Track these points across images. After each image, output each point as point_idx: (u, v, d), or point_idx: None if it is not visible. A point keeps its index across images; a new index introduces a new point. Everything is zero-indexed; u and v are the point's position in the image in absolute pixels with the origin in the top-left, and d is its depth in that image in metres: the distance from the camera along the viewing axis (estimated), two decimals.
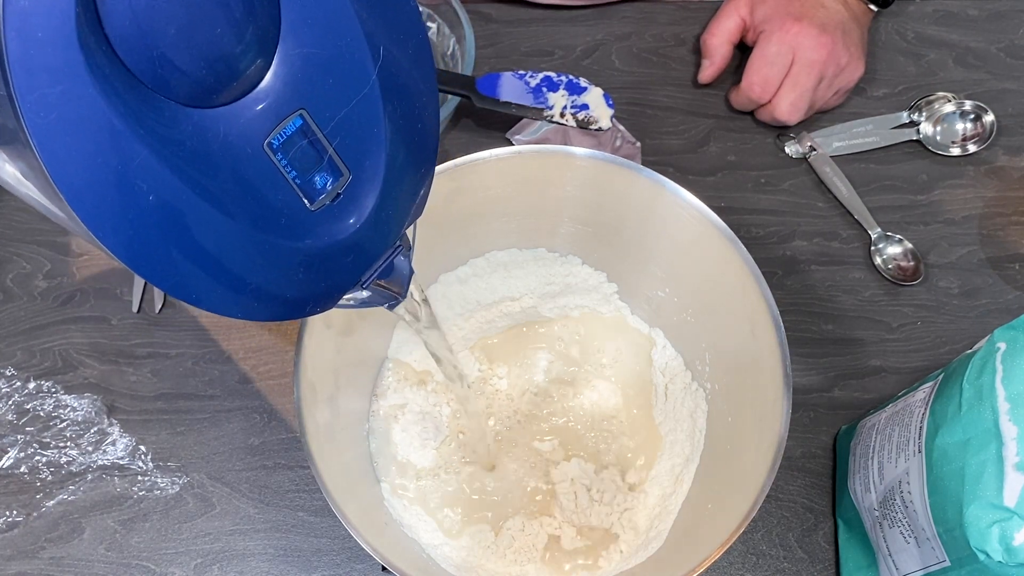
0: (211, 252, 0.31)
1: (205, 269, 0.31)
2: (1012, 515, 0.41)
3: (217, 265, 0.32)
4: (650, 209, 0.56)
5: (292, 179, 0.33)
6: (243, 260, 0.32)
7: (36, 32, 0.24)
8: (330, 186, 0.34)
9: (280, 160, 0.32)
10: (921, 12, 0.80)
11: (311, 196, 0.34)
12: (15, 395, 0.63)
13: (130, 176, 0.28)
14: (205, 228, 0.30)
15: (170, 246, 0.30)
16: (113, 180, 0.27)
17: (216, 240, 0.31)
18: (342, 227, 0.35)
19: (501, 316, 0.63)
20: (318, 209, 0.34)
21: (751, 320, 0.52)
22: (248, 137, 0.31)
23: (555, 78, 0.65)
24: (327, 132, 0.33)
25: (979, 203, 0.72)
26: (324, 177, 0.34)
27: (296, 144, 0.32)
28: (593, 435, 0.60)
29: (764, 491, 0.47)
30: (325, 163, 0.34)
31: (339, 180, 0.34)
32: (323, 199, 0.34)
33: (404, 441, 0.58)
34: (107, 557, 0.59)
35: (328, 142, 0.33)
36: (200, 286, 0.32)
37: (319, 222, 0.34)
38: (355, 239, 0.36)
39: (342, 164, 0.34)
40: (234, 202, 0.31)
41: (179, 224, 0.30)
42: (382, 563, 0.46)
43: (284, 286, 0.35)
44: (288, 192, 0.33)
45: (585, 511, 0.57)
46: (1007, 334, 0.45)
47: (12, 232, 0.69)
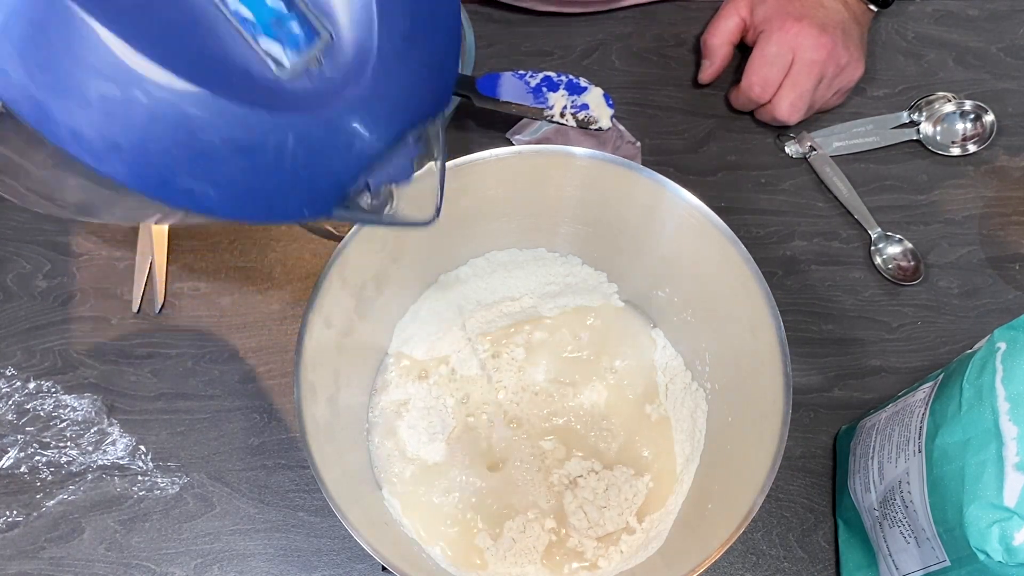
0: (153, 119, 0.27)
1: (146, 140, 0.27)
2: (1012, 515, 0.41)
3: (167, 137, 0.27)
4: (650, 209, 0.56)
5: (250, 35, 0.28)
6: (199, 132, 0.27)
7: None
8: (303, 47, 0.29)
9: (232, 11, 0.27)
10: (921, 12, 0.80)
11: (278, 59, 0.29)
12: (15, 395, 0.63)
13: (60, 34, 0.24)
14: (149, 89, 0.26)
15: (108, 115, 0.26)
16: (25, 26, 0.24)
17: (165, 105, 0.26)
18: (325, 101, 0.30)
19: (501, 316, 0.63)
20: (293, 78, 0.29)
21: (751, 320, 0.52)
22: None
23: (555, 78, 0.65)
24: None
25: (979, 203, 0.72)
26: (294, 36, 0.29)
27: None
28: (593, 435, 0.60)
29: (764, 491, 0.47)
30: (295, 20, 0.29)
31: (315, 41, 0.29)
32: (297, 64, 0.29)
33: (412, 437, 0.58)
34: (107, 557, 0.59)
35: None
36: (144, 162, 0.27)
37: (293, 92, 0.29)
38: (344, 119, 0.31)
39: (317, 22, 0.29)
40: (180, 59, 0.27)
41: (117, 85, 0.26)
42: (382, 563, 0.46)
43: (251, 170, 0.29)
44: (247, 51, 0.28)
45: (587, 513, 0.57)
46: (1007, 334, 0.45)
47: (12, 232, 0.69)
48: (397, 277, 0.58)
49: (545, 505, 0.58)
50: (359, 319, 0.56)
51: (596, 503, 0.57)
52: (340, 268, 0.52)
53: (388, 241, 0.55)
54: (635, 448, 0.60)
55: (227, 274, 0.68)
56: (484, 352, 0.62)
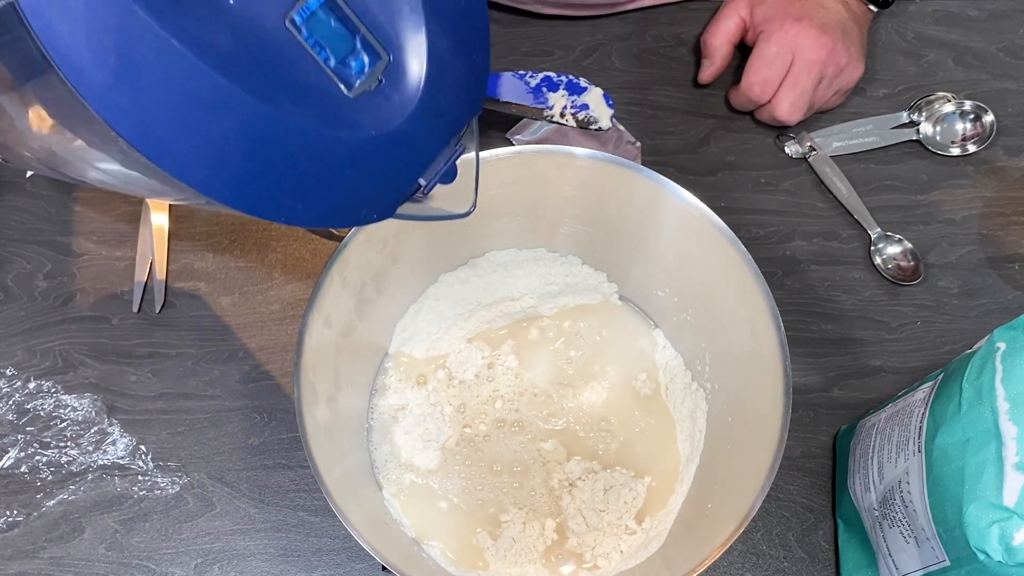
0: (249, 142, 0.30)
1: (244, 163, 0.30)
2: (1012, 515, 0.41)
3: (256, 157, 0.30)
4: (650, 209, 0.56)
5: (323, 61, 0.31)
6: (283, 152, 0.31)
7: None
8: (368, 69, 0.32)
9: (307, 39, 0.31)
10: (921, 12, 0.80)
11: (348, 81, 0.32)
12: (15, 395, 0.63)
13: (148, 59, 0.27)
14: (239, 116, 0.29)
15: (207, 140, 0.29)
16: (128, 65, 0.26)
17: (252, 129, 0.30)
18: (388, 117, 0.34)
19: (501, 316, 0.63)
20: (358, 96, 0.32)
21: (751, 320, 0.52)
22: (266, 13, 0.30)
23: (555, 78, 0.65)
24: (357, 8, 0.32)
25: (979, 203, 0.72)
26: (360, 60, 0.32)
27: (322, 21, 0.31)
28: (593, 436, 0.60)
29: (764, 491, 0.47)
30: (359, 44, 0.32)
31: (377, 63, 0.33)
32: (362, 84, 0.32)
33: (407, 443, 0.58)
34: (107, 557, 0.59)
35: (359, 19, 0.32)
36: (241, 183, 0.30)
37: (361, 110, 0.33)
38: (405, 131, 0.34)
39: (378, 45, 0.33)
40: (266, 86, 0.30)
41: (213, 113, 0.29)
42: (382, 563, 0.46)
43: (332, 184, 0.33)
44: (321, 76, 0.31)
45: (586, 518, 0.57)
46: (1007, 334, 0.45)
47: (12, 232, 0.69)
48: (397, 277, 0.58)
49: (545, 507, 0.58)
50: (359, 319, 0.56)
51: (595, 506, 0.57)
52: (340, 268, 0.52)
53: (388, 241, 0.55)
54: (635, 449, 0.60)
55: (227, 274, 0.68)
56: (484, 352, 0.62)
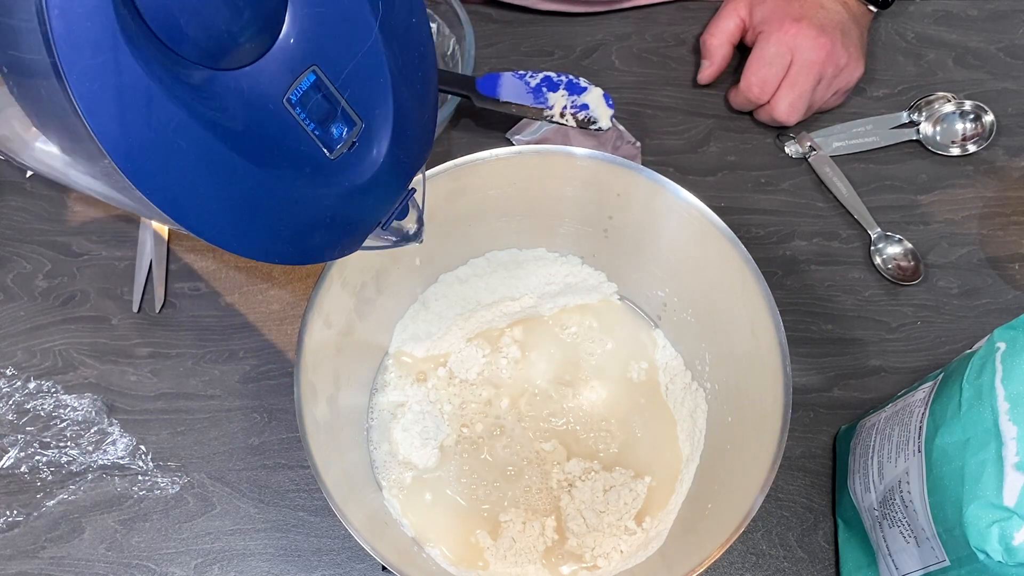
0: (246, 202, 0.35)
1: (241, 218, 0.35)
2: (1012, 515, 0.41)
3: (252, 214, 0.35)
4: (650, 209, 0.56)
5: (311, 131, 0.36)
6: (275, 208, 0.36)
7: (76, 8, 0.27)
8: (346, 135, 0.38)
9: (299, 114, 0.36)
10: (921, 12, 0.80)
11: (330, 145, 0.37)
12: (15, 395, 0.63)
13: (169, 135, 0.31)
14: (238, 180, 0.34)
15: (209, 197, 0.33)
16: (153, 139, 0.30)
17: (250, 191, 0.34)
18: (360, 172, 0.39)
19: (501, 316, 0.63)
20: (337, 157, 0.38)
21: (751, 320, 0.52)
22: (269, 94, 0.34)
23: (555, 78, 0.65)
24: (338, 85, 0.37)
25: (979, 203, 0.72)
26: (340, 127, 0.37)
27: (312, 98, 0.36)
28: (593, 436, 0.60)
29: (764, 491, 0.47)
30: (339, 114, 0.37)
31: (353, 129, 0.38)
32: (341, 148, 0.38)
33: (405, 440, 0.58)
34: (107, 557, 0.59)
35: (340, 94, 0.37)
36: (237, 234, 0.35)
37: (339, 169, 0.38)
38: (373, 183, 0.40)
39: (354, 114, 0.38)
40: (263, 155, 0.34)
41: (215, 177, 0.33)
42: (382, 563, 0.46)
43: (313, 231, 0.39)
44: (309, 143, 0.36)
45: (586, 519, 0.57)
46: (1007, 334, 0.45)
47: (12, 232, 0.69)
48: (397, 277, 0.59)
49: (545, 507, 0.58)
50: (359, 319, 0.56)
51: (595, 507, 0.57)
52: (340, 268, 0.52)
53: None
54: (635, 449, 0.60)
55: (227, 274, 0.68)
56: (484, 352, 0.62)
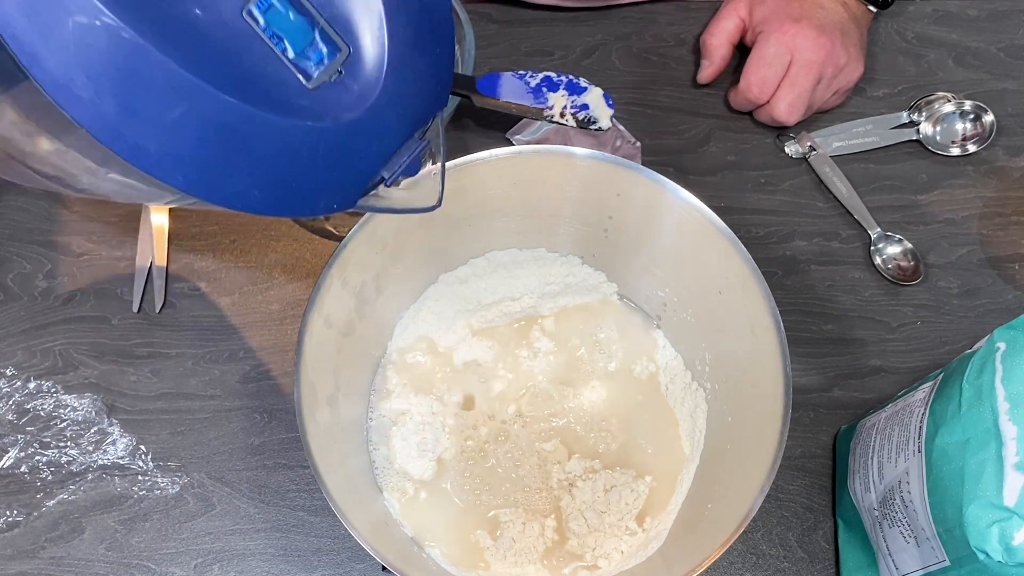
0: (204, 130, 0.30)
1: (209, 155, 0.31)
2: (1012, 515, 0.41)
3: (212, 144, 0.31)
4: (650, 209, 0.56)
5: (282, 52, 0.32)
6: (240, 140, 0.31)
7: None
8: (327, 61, 0.33)
9: (264, 30, 0.31)
10: (921, 12, 0.80)
11: (307, 72, 0.33)
12: (15, 395, 0.63)
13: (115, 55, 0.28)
14: (195, 104, 0.30)
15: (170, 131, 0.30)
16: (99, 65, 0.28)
17: (208, 117, 0.30)
18: (348, 108, 0.34)
19: (501, 316, 0.63)
20: (317, 87, 0.33)
21: (751, 320, 0.52)
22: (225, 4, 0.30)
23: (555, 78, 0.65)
24: (315, 1, 0.32)
25: (979, 203, 0.72)
26: (318, 52, 0.33)
27: (279, 13, 0.31)
28: (593, 436, 0.60)
29: (764, 491, 0.47)
30: (318, 36, 0.33)
31: (336, 56, 0.33)
32: (321, 76, 0.33)
33: (403, 450, 0.58)
34: (107, 557, 0.59)
35: (318, 12, 0.33)
36: (206, 174, 0.31)
37: (321, 101, 0.33)
38: (365, 123, 0.35)
39: (337, 37, 0.33)
40: (225, 77, 0.30)
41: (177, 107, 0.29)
42: (382, 563, 0.46)
43: (289, 173, 0.34)
44: (279, 66, 0.32)
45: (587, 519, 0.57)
46: (1007, 334, 0.45)
47: (12, 232, 0.69)
48: (397, 277, 0.58)
49: (545, 507, 0.58)
50: (359, 319, 0.56)
51: (596, 508, 0.57)
52: (340, 268, 0.52)
53: (388, 241, 0.55)
54: (635, 449, 0.60)
55: (227, 274, 0.68)
56: (484, 352, 0.62)
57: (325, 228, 0.68)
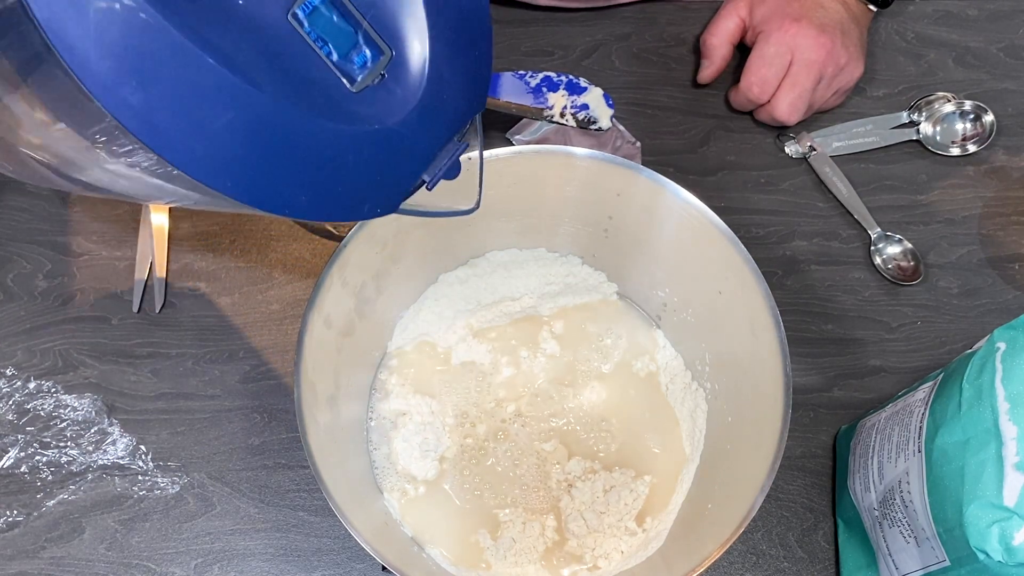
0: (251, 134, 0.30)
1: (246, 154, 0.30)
2: (1012, 515, 0.41)
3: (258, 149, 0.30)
4: (650, 209, 0.56)
5: (326, 55, 0.32)
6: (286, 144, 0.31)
7: None
8: (371, 64, 0.33)
9: (309, 33, 0.31)
10: (921, 12, 0.80)
11: (351, 76, 0.32)
12: (15, 395, 0.63)
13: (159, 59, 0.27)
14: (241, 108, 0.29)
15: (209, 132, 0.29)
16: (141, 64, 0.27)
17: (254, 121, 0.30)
18: (391, 111, 0.34)
19: (501, 316, 0.63)
20: (361, 91, 0.33)
21: (751, 320, 0.52)
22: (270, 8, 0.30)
23: (555, 78, 0.65)
24: (359, 4, 0.32)
25: (979, 203, 0.72)
26: (362, 54, 0.33)
27: (323, 16, 0.31)
28: (593, 436, 0.60)
29: (764, 491, 0.47)
30: (361, 39, 0.32)
31: (380, 59, 0.33)
32: (364, 79, 0.33)
33: (405, 452, 0.58)
34: (107, 557, 0.59)
35: (361, 15, 0.32)
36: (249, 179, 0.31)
37: (364, 104, 0.33)
38: (407, 126, 0.35)
39: (381, 41, 0.33)
40: (268, 79, 0.30)
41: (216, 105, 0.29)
42: (382, 563, 0.46)
43: (334, 177, 0.33)
44: (324, 71, 0.32)
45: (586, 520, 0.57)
46: (1007, 334, 0.45)
47: (12, 232, 0.69)
48: (397, 277, 0.58)
49: (545, 507, 0.58)
50: (359, 319, 0.56)
51: (595, 508, 0.57)
52: (340, 268, 0.52)
53: (388, 241, 0.55)
54: (635, 449, 0.60)
55: (227, 274, 0.68)
56: (484, 353, 0.62)
57: (325, 228, 0.68)
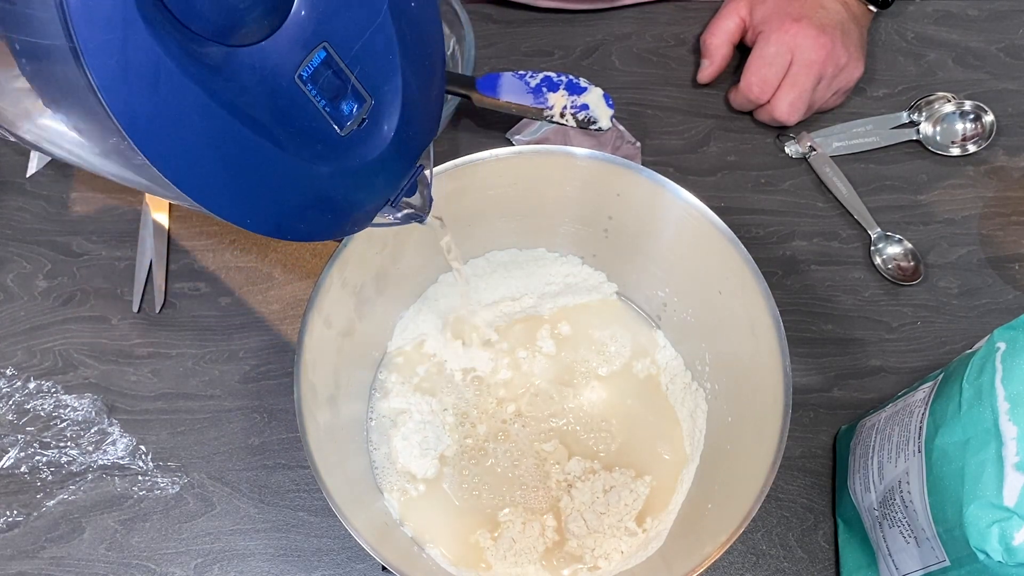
0: (258, 178, 0.35)
1: (253, 194, 0.36)
2: (1012, 515, 0.41)
3: (264, 190, 0.36)
4: (650, 209, 0.56)
5: (323, 107, 0.37)
6: (287, 184, 0.36)
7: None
8: (356, 112, 0.38)
9: (311, 90, 0.36)
10: (921, 12, 0.80)
11: (340, 122, 0.38)
12: (15, 395, 0.63)
13: (183, 111, 0.31)
14: (251, 156, 0.34)
15: (222, 173, 0.34)
16: (168, 115, 0.31)
17: (262, 167, 0.35)
18: (370, 149, 0.40)
19: (501, 316, 0.63)
20: (348, 134, 0.38)
21: (751, 320, 0.52)
22: (281, 71, 0.35)
23: (555, 78, 0.65)
24: (348, 62, 0.38)
25: (979, 203, 0.72)
26: (350, 104, 0.38)
27: (322, 75, 0.37)
28: (593, 436, 0.60)
29: (764, 491, 0.47)
30: (349, 91, 0.38)
31: (363, 106, 0.39)
32: (351, 124, 0.38)
33: (405, 450, 0.58)
34: (107, 557, 0.59)
35: (350, 71, 0.38)
36: (249, 209, 0.36)
37: (349, 146, 0.39)
38: (382, 159, 0.40)
39: (364, 91, 0.39)
40: (275, 131, 0.35)
41: (228, 153, 0.34)
42: (382, 563, 0.46)
43: (324, 207, 0.39)
44: (320, 120, 0.37)
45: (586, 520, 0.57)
46: (1007, 334, 0.45)
47: (12, 232, 0.69)
48: (397, 277, 0.59)
49: (545, 507, 0.58)
50: (359, 319, 0.56)
51: (595, 508, 0.57)
52: (340, 268, 0.52)
53: (388, 242, 0.55)
54: (635, 449, 0.60)
55: (227, 274, 0.68)
56: (484, 353, 0.62)
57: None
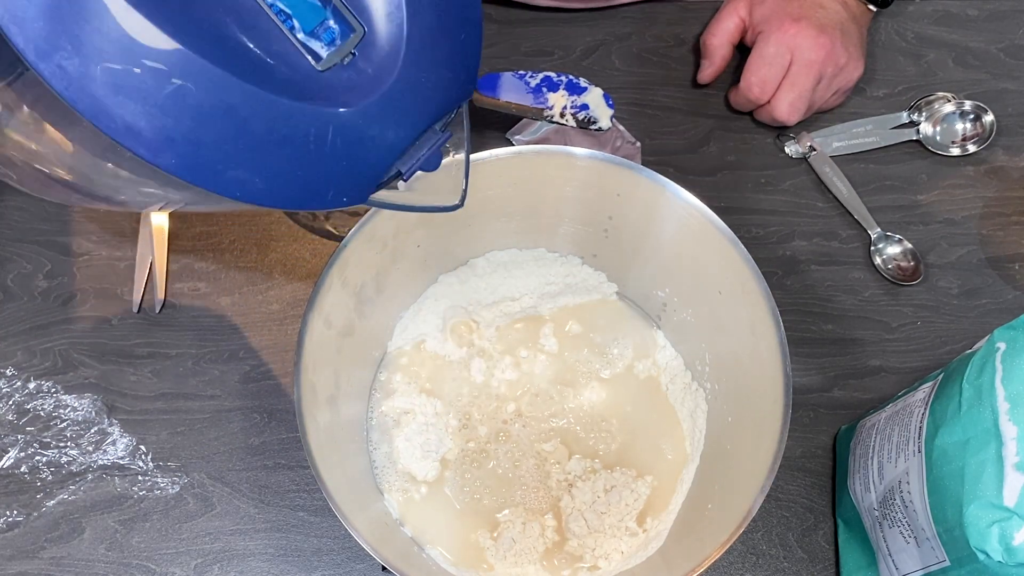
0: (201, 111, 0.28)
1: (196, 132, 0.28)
2: (1012, 515, 0.41)
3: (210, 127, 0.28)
4: (650, 209, 0.56)
5: (289, 30, 0.29)
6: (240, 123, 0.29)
7: None
8: (339, 42, 0.31)
9: (271, 6, 0.29)
10: (921, 12, 0.80)
11: (316, 53, 0.30)
12: (15, 395, 0.63)
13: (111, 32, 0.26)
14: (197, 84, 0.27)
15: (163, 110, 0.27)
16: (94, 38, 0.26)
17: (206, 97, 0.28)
18: (360, 94, 0.31)
19: (501, 316, 0.63)
20: (328, 70, 0.31)
21: (751, 320, 0.52)
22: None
23: (555, 78, 0.65)
24: None
25: (979, 203, 0.72)
26: (330, 31, 0.30)
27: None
28: (593, 436, 0.60)
29: (764, 491, 0.47)
30: (330, 14, 0.30)
31: (350, 36, 0.31)
32: (331, 57, 0.30)
33: (406, 451, 0.58)
34: (107, 557, 0.59)
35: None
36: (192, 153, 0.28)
37: (331, 85, 0.31)
38: (379, 111, 0.32)
39: (352, 17, 0.31)
40: (228, 55, 0.28)
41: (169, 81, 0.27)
42: (382, 563, 0.46)
43: (294, 161, 0.31)
44: (286, 45, 0.30)
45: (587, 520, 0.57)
46: (1007, 334, 0.45)
47: (12, 232, 0.69)
48: (397, 277, 0.58)
49: (545, 507, 0.58)
50: (359, 319, 0.56)
51: (596, 508, 0.57)
52: (340, 268, 0.52)
53: (388, 241, 0.55)
54: (635, 449, 0.60)
55: (227, 274, 0.68)
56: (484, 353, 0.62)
57: (325, 228, 0.68)
